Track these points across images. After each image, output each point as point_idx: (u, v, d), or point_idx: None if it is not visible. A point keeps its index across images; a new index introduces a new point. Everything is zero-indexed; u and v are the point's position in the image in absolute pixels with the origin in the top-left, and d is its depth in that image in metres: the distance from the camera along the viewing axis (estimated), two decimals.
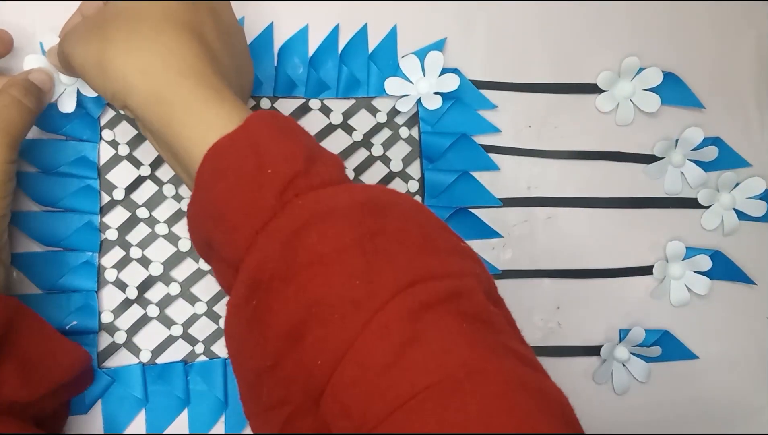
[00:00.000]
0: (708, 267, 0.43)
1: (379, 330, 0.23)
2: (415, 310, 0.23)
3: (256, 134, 0.26)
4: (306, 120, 0.40)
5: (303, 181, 0.26)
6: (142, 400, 0.38)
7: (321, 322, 0.24)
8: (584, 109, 0.43)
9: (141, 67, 0.28)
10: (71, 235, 0.37)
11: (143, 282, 0.38)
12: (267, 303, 0.25)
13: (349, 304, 0.23)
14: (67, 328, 0.37)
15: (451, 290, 0.24)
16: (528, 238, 0.42)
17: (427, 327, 0.23)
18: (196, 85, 0.27)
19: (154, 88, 0.27)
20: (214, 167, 0.26)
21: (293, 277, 0.24)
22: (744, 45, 0.45)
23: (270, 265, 0.25)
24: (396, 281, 0.24)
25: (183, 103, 0.27)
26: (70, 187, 0.37)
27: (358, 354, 0.23)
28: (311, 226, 0.25)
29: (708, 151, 0.43)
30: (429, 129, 0.41)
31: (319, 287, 0.24)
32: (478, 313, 0.24)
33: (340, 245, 0.24)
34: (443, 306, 0.24)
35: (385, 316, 0.23)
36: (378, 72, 0.41)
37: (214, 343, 0.39)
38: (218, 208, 0.26)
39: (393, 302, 0.23)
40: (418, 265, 0.24)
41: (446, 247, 0.26)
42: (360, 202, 0.25)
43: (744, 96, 0.45)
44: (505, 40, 0.42)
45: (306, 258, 0.24)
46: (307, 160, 0.26)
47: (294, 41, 0.40)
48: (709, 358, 0.44)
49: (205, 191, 0.27)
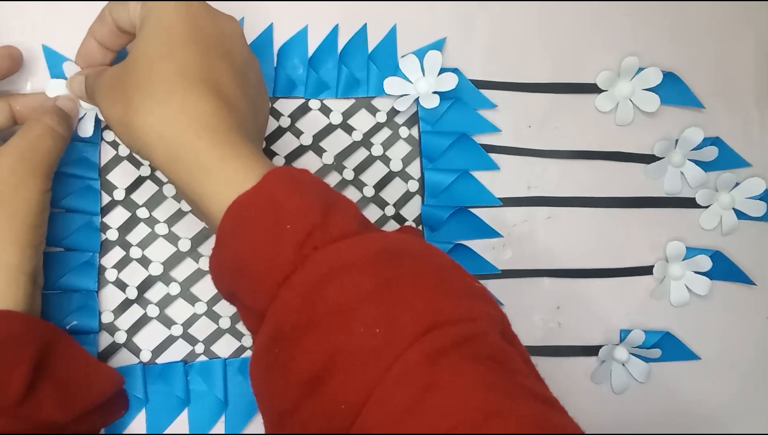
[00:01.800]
0: (708, 267, 0.43)
1: (399, 377, 0.24)
2: (432, 355, 0.24)
3: (273, 191, 0.27)
4: (306, 120, 0.40)
5: (320, 233, 0.26)
6: (142, 399, 0.38)
7: (344, 369, 0.25)
8: (584, 109, 0.43)
9: (157, 129, 0.28)
10: (72, 235, 0.37)
11: (143, 282, 0.38)
12: (289, 352, 0.26)
13: (370, 353, 0.24)
14: (68, 328, 0.37)
15: (465, 334, 0.25)
16: (528, 238, 0.42)
17: (444, 372, 0.24)
18: (211, 144, 0.28)
19: (171, 149, 0.28)
20: (234, 224, 0.27)
21: (314, 328, 0.25)
22: (744, 45, 0.45)
23: (291, 317, 0.26)
24: (413, 328, 0.24)
25: (199, 164, 0.28)
26: (71, 187, 0.37)
27: (381, 399, 0.24)
28: (330, 279, 0.25)
29: (708, 151, 0.43)
30: (429, 129, 0.41)
31: (341, 337, 0.25)
32: (493, 354, 0.25)
33: (359, 295, 0.25)
34: (459, 350, 0.24)
35: (405, 363, 0.24)
36: (378, 72, 0.41)
37: (214, 343, 0.39)
38: (241, 263, 0.27)
39: (411, 349, 0.24)
40: (434, 310, 0.25)
41: (460, 289, 0.27)
42: (375, 253, 0.26)
43: (744, 96, 0.45)
44: (505, 40, 0.42)
45: (326, 309, 0.25)
46: (324, 213, 0.27)
47: (294, 41, 0.40)
48: (709, 359, 0.44)
49: (226, 247, 0.28)
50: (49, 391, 0.31)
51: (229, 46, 0.31)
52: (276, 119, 0.40)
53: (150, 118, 0.28)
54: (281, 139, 0.40)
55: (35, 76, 0.38)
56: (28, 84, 0.38)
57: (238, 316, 0.39)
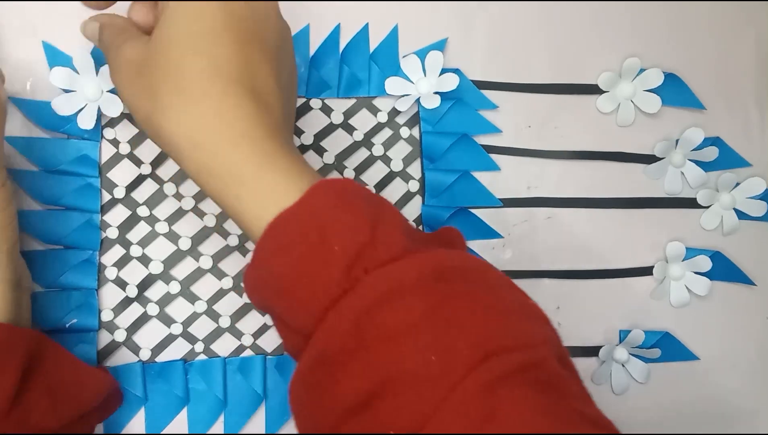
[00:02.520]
0: (708, 268, 0.43)
1: (457, 406, 0.23)
2: (490, 385, 0.23)
3: (317, 207, 0.25)
4: (307, 119, 0.40)
5: (370, 253, 0.25)
6: (142, 398, 0.38)
7: (395, 395, 0.24)
8: (585, 110, 0.43)
9: (189, 136, 0.26)
10: (72, 233, 0.37)
11: (143, 280, 0.38)
12: (334, 375, 0.25)
13: (424, 380, 0.23)
14: (67, 326, 0.37)
15: (524, 362, 0.24)
16: (528, 238, 0.42)
17: (503, 402, 0.23)
18: (248, 154, 0.26)
19: (204, 159, 0.26)
20: (275, 242, 0.26)
21: (364, 353, 0.24)
22: (744, 45, 0.45)
23: (339, 341, 0.25)
24: (470, 355, 0.23)
25: (235, 176, 0.26)
26: (71, 185, 0.37)
27: (438, 429, 0.23)
28: (381, 304, 0.24)
29: (708, 151, 0.43)
30: (430, 129, 0.41)
31: (392, 363, 0.24)
32: (551, 381, 0.24)
33: (411, 321, 0.24)
34: (517, 378, 0.23)
35: (463, 392, 0.23)
36: (379, 72, 0.41)
37: (214, 342, 0.39)
38: (282, 283, 0.26)
39: (469, 378, 0.23)
40: (491, 335, 0.24)
41: (516, 310, 0.26)
42: (427, 274, 0.25)
43: (744, 96, 0.45)
44: (506, 41, 0.42)
45: (377, 335, 0.24)
46: (372, 230, 0.25)
47: (295, 41, 0.40)
48: (709, 359, 0.44)
49: (267, 265, 0.26)
50: (38, 398, 0.30)
51: (264, 30, 0.28)
52: None
53: (182, 123, 0.26)
54: None
55: (35, 76, 0.38)
56: (28, 84, 0.38)
57: (238, 315, 0.39)
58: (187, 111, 0.26)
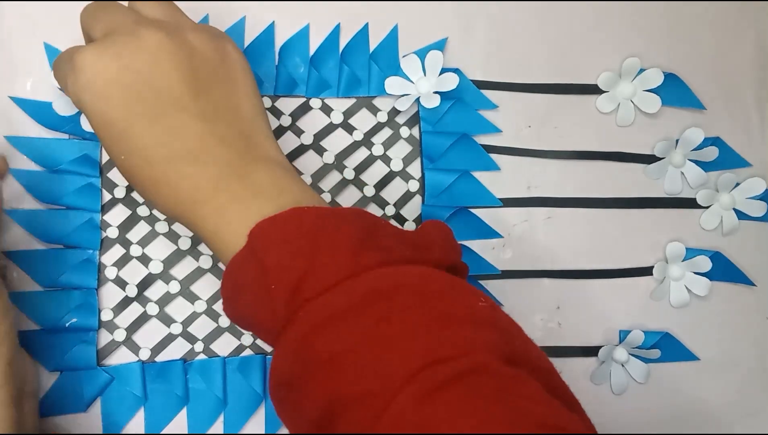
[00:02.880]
0: (708, 268, 0.43)
1: (393, 422, 0.23)
2: (425, 396, 0.23)
3: (256, 250, 0.27)
4: (307, 119, 0.40)
5: (309, 283, 0.26)
6: (141, 398, 0.38)
7: (342, 416, 0.25)
8: (585, 110, 0.43)
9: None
10: (72, 233, 0.37)
11: (143, 280, 0.38)
12: (294, 397, 0.27)
13: (362, 399, 0.24)
14: (67, 326, 0.37)
15: (461, 369, 0.24)
16: (528, 238, 0.42)
17: (437, 411, 0.23)
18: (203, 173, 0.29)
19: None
20: (233, 287, 0.28)
21: (309, 378, 0.26)
22: (744, 45, 0.45)
23: (288, 369, 0.27)
24: (404, 370, 0.24)
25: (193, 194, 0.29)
26: (71, 184, 0.37)
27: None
28: (317, 333, 0.26)
29: (708, 151, 0.43)
30: (430, 129, 0.41)
31: (334, 385, 0.25)
32: (494, 385, 0.24)
33: (347, 345, 0.25)
34: (454, 386, 0.24)
35: (396, 407, 0.24)
36: (379, 71, 0.41)
37: (214, 342, 0.39)
38: (247, 320, 0.29)
39: (403, 392, 0.24)
40: (426, 347, 0.25)
41: (459, 317, 0.26)
42: (360, 296, 0.26)
43: (744, 96, 0.45)
44: (506, 40, 0.43)
45: (318, 360, 0.26)
46: (309, 259, 0.27)
47: (295, 40, 0.40)
48: (709, 359, 0.43)
49: (232, 306, 0.29)
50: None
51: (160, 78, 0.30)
52: (277, 118, 0.40)
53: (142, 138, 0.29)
54: (282, 138, 0.40)
55: (35, 77, 0.38)
56: (29, 84, 0.38)
57: None
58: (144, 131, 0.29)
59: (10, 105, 0.37)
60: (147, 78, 0.28)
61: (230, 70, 0.31)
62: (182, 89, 0.29)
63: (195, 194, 0.29)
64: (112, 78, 0.28)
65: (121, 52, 0.28)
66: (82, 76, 0.28)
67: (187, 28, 0.31)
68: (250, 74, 0.32)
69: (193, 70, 0.29)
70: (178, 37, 0.29)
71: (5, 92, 0.37)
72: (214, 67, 0.30)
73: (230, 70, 0.31)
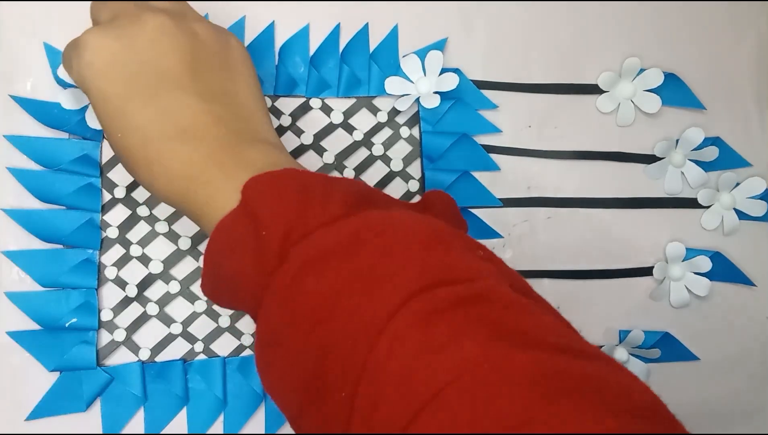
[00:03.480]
0: (708, 268, 0.43)
1: (390, 342, 0.23)
2: (425, 316, 0.23)
3: (251, 203, 0.27)
4: (307, 119, 0.40)
5: (299, 230, 0.26)
6: (141, 398, 0.38)
7: (336, 360, 0.24)
8: (585, 110, 0.43)
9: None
10: (72, 233, 0.37)
11: (143, 280, 0.38)
12: (283, 357, 0.25)
13: (357, 335, 0.23)
14: (67, 326, 0.37)
15: (465, 295, 0.23)
16: (528, 238, 0.42)
17: (440, 331, 0.22)
18: (196, 151, 0.28)
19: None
20: (221, 245, 0.27)
21: (300, 328, 0.25)
22: (744, 45, 0.45)
23: (275, 325, 0.25)
24: (398, 295, 0.23)
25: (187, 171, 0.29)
26: (71, 184, 0.37)
27: (373, 372, 0.23)
28: (305, 273, 0.25)
29: (708, 151, 0.43)
30: (430, 129, 0.41)
31: (327, 329, 0.24)
32: (500, 310, 0.23)
33: (336, 284, 0.24)
34: (457, 311, 0.23)
35: (394, 330, 0.23)
36: (379, 71, 0.41)
37: (214, 342, 0.39)
38: (233, 283, 0.27)
39: (398, 315, 0.23)
40: (425, 270, 0.24)
41: (459, 247, 0.26)
42: (350, 233, 0.25)
43: (744, 96, 0.45)
44: (506, 40, 0.43)
45: (307, 304, 0.25)
46: (300, 208, 0.26)
47: (295, 40, 0.40)
48: (709, 359, 0.43)
49: (216, 268, 0.28)
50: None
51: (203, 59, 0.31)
52: (277, 118, 0.40)
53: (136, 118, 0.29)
54: (282, 138, 0.40)
55: (35, 77, 0.38)
56: (29, 84, 0.38)
57: (238, 315, 0.39)
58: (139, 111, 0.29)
59: (10, 104, 0.37)
60: (147, 57, 0.29)
61: (231, 58, 0.32)
62: (181, 69, 0.29)
63: (187, 170, 0.28)
64: (113, 56, 0.29)
65: (123, 32, 0.29)
66: (86, 55, 0.29)
67: (191, 17, 0.31)
68: (251, 65, 0.33)
69: (194, 53, 0.30)
70: (180, 22, 0.30)
71: (6, 92, 0.37)
72: (215, 54, 0.31)
73: (231, 59, 0.31)
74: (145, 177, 0.29)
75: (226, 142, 0.29)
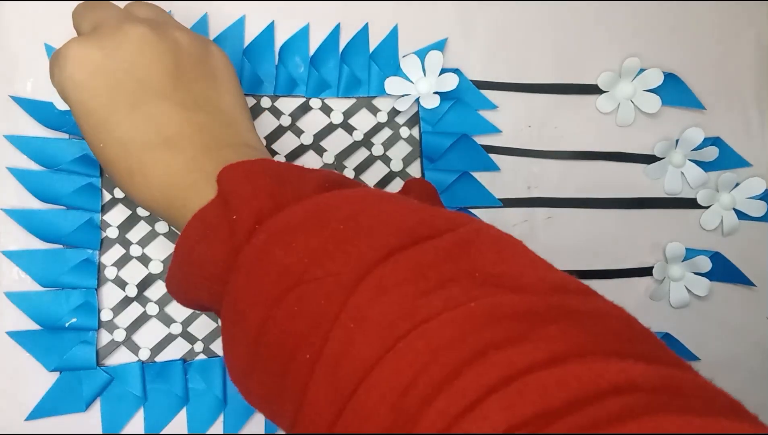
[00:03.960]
0: (708, 268, 0.43)
1: (373, 291, 0.22)
2: (413, 267, 0.22)
3: (225, 191, 0.26)
4: (307, 119, 0.40)
5: (269, 212, 0.25)
6: (141, 398, 0.38)
7: (302, 322, 0.22)
8: (585, 110, 0.43)
9: None
10: (72, 233, 0.37)
11: (143, 280, 0.38)
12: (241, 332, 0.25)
13: (331, 289, 0.22)
14: (67, 326, 0.37)
15: (451, 243, 0.23)
16: (528, 238, 0.42)
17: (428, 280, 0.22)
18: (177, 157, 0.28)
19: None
20: (192, 235, 0.27)
21: (265, 295, 0.24)
22: (744, 45, 0.45)
23: (239, 296, 0.25)
24: (384, 245, 0.23)
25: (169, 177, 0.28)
26: (71, 184, 0.37)
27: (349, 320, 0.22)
28: (272, 245, 0.24)
29: (708, 151, 0.43)
30: (429, 129, 0.41)
31: (294, 298, 0.23)
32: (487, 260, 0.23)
33: (307, 251, 0.23)
34: (444, 262, 0.22)
35: (378, 274, 0.22)
36: (379, 71, 0.41)
37: (214, 342, 0.39)
38: (201, 271, 0.26)
39: (384, 265, 0.22)
40: (405, 227, 0.23)
41: (441, 210, 0.25)
42: (320, 205, 0.25)
43: (744, 96, 0.45)
44: (507, 41, 0.43)
45: (274, 273, 0.24)
46: (272, 191, 0.26)
47: (295, 40, 0.40)
48: (709, 359, 0.43)
49: (186, 258, 0.27)
50: None
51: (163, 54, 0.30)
52: (277, 118, 0.40)
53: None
54: (282, 138, 0.40)
55: (36, 77, 0.38)
56: (29, 84, 0.38)
57: None
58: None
59: (10, 104, 0.37)
60: (129, 67, 0.29)
61: (213, 66, 0.32)
62: (163, 79, 0.29)
63: (169, 177, 0.28)
64: (94, 67, 0.29)
65: (105, 42, 0.29)
66: (67, 66, 0.29)
67: (172, 25, 0.31)
68: (233, 72, 0.33)
69: (176, 62, 0.30)
70: (162, 31, 0.30)
71: (6, 92, 0.37)
72: (197, 62, 0.31)
73: (213, 67, 0.32)
74: (127, 186, 0.29)
75: (207, 148, 0.29)
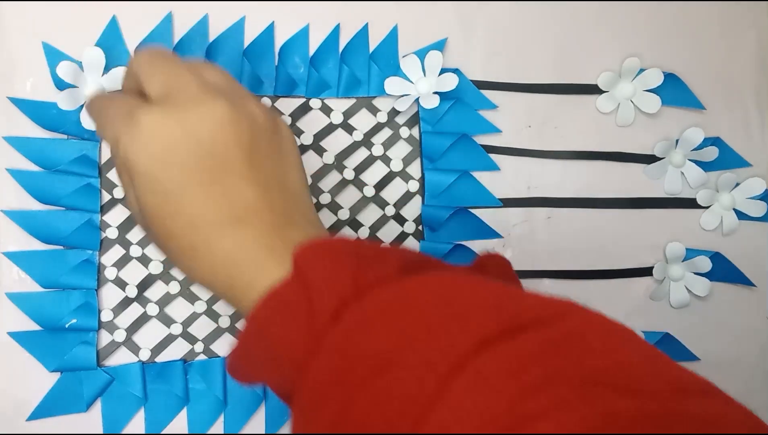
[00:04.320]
0: (707, 268, 0.43)
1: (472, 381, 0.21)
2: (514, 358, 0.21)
3: (303, 270, 0.25)
4: (306, 119, 0.40)
5: (352, 295, 0.25)
6: (142, 398, 0.38)
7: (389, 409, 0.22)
8: (585, 110, 0.43)
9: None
10: (72, 234, 0.37)
11: (143, 280, 0.38)
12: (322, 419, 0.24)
13: (422, 374, 0.21)
14: (67, 326, 0.37)
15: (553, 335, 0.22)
16: (528, 238, 0.42)
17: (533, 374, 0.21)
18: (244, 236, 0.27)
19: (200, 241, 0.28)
20: (268, 313, 0.26)
21: (349, 381, 0.23)
22: (744, 45, 0.45)
23: (320, 380, 0.24)
24: (478, 330, 0.22)
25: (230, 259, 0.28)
26: (71, 185, 0.37)
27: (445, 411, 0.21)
28: (359, 331, 0.24)
29: (708, 151, 0.43)
30: (429, 129, 0.41)
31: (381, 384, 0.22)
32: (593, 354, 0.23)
33: (395, 336, 0.23)
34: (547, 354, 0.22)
35: (478, 364, 0.21)
36: (379, 72, 0.41)
37: (214, 342, 0.39)
38: (275, 351, 0.26)
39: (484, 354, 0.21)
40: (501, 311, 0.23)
41: (528, 294, 0.25)
42: (408, 290, 0.24)
43: (744, 96, 0.45)
44: (506, 41, 0.42)
45: (360, 358, 0.23)
46: (354, 273, 0.25)
47: (295, 40, 0.40)
48: (709, 359, 0.43)
49: (258, 337, 0.26)
50: None
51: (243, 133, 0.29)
52: None
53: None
54: None
55: (35, 76, 0.38)
56: (28, 84, 0.38)
57: (238, 315, 0.39)
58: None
59: (9, 105, 0.37)
60: (209, 147, 0.28)
61: (282, 141, 0.31)
62: (241, 158, 0.28)
63: (234, 255, 0.27)
64: (173, 142, 0.27)
65: (186, 117, 0.28)
66: (142, 136, 0.27)
67: (246, 98, 0.30)
68: (297, 148, 0.32)
69: (252, 141, 0.29)
70: (241, 106, 0.29)
71: (5, 92, 0.37)
72: (270, 140, 0.30)
73: (281, 142, 0.31)
74: (188, 262, 0.28)
75: (275, 226, 0.28)
